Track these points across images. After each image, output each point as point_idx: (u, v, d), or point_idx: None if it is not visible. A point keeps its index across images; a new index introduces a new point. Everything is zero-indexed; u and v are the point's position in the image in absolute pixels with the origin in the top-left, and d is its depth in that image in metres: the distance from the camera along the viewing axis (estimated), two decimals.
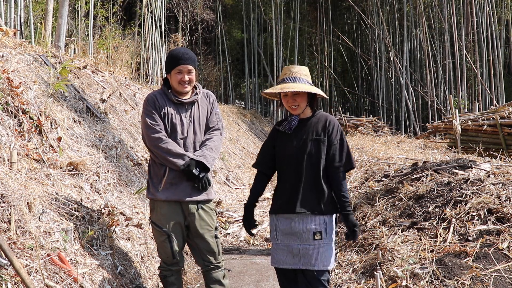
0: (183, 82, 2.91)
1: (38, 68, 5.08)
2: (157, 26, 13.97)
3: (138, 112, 7.29)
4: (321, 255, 2.59)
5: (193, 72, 2.94)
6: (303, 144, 2.65)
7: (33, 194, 2.96)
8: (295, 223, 2.62)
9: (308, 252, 2.59)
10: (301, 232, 2.60)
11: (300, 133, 2.69)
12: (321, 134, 2.64)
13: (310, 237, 2.58)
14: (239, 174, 10.19)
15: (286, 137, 2.72)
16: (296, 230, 2.62)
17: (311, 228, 2.59)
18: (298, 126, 2.71)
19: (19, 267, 2.26)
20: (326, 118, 2.70)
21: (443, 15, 19.67)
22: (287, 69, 2.72)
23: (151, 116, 2.89)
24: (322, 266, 2.59)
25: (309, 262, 2.59)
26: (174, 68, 2.89)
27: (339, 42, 25.82)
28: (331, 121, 2.68)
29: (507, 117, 9.11)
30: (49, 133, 4.07)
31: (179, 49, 2.96)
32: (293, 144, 2.68)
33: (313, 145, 2.63)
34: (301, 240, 2.61)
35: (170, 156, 2.85)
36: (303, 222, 2.60)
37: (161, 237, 2.94)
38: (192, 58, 2.93)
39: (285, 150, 2.71)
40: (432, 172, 4.84)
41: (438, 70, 21.33)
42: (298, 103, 2.65)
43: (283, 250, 2.67)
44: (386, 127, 17.49)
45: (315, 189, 2.62)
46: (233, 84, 24.68)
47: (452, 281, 2.93)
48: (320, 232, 2.59)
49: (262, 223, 6.02)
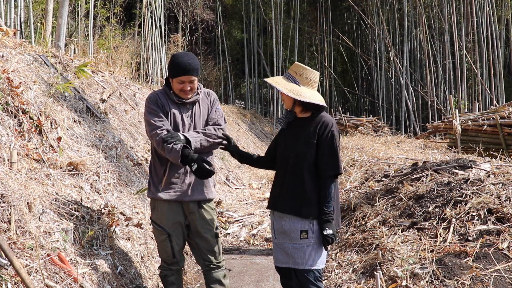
0: (184, 91, 2.90)
1: (38, 68, 5.08)
2: (157, 26, 13.97)
3: (138, 112, 7.30)
4: (307, 254, 2.59)
5: (195, 80, 2.92)
6: (294, 144, 2.67)
7: (33, 194, 2.96)
8: (285, 222, 2.65)
9: (295, 251, 2.61)
10: (290, 231, 2.63)
11: (293, 133, 2.71)
12: (312, 136, 2.62)
13: (297, 236, 2.60)
14: (239, 174, 10.19)
15: (284, 134, 2.78)
16: (286, 229, 2.65)
17: (298, 227, 2.60)
18: (293, 124, 2.74)
19: (19, 267, 2.25)
20: (321, 120, 2.66)
21: (443, 15, 19.67)
22: (294, 65, 2.76)
23: (154, 114, 2.88)
24: (308, 265, 2.59)
25: (296, 261, 2.61)
26: (176, 77, 2.86)
27: (339, 42, 25.82)
28: (324, 122, 2.64)
29: (507, 117, 9.12)
30: (49, 133, 4.07)
31: (183, 57, 2.87)
32: (286, 143, 2.72)
33: (303, 146, 2.63)
34: (290, 239, 2.63)
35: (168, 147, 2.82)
36: (292, 221, 2.62)
37: (162, 236, 2.95)
38: (195, 68, 2.87)
39: (279, 148, 2.77)
40: (432, 172, 4.84)
41: (438, 70, 21.33)
42: (283, 98, 2.72)
43: (279, 249, 2.70)
44: (386, 127, 17.49)
45: (300, 191, 2.61)
46: (233, 84, 24.69)
47: (452, 281, 2.93)
48: (306, 231, 2.58)
49: (262, 223, 6.02)
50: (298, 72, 2.70)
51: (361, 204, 4.95)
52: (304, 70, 2.70)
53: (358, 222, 4.63)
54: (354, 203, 5.12)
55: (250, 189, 8.76)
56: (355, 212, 4.88)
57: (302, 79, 2.69)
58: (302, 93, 2.64)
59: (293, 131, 2.72)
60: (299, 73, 2.70)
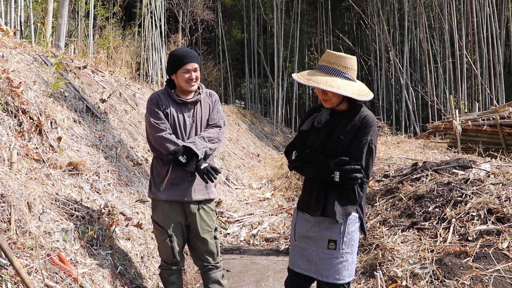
0: (191, 80, 2.92)
1: (38, 68, 5.08)
2: (157, 26, 13.97)
3: (138, 112, 7.30)
4: (333, 266, 2.36)
5: (198, 69, 2.97)
6: (327, 141, 2.37)
7: (33, 194, 2.96)
8: (312, 227, 2.43)
9: (320, 260, 2.39)
10: (317, 238, 2.41)
11: (328, 129, 2.38)
12: (349, 133, 2.31)
13: (324, 245, 2.38)
14: (239, 174, 10.18)
15: (315, 129, 2.44)
16: (312, 235, 2.42)
17: (326, 235, 2.37)
18: (328, 120, 2.40)
19: (19, 267, 2.25)
20: (363, 118, 2.32)
21: (443, 15, 19.66)
22: (328, 54, 2.33)
23: (155, 115, 2.89)
24: (333, 279, 2.36)
25: (320, 272, 2.39)
26: (181, 67, 2.89)
27: (339, 42, 25.80)
28: (364, 118, 2.31)
29: (507, 117, 9.11)
30: (49, 133, 4.07)
31: (182, 49, 2.96)
32: (319, 139, 2.40)
33: (337, 143, 2.33)
34: (316, 246, 2.41)
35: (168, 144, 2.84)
36: (320, 228, 2.40)
37: (162, 236, 2.95)
38: (196, 56, 2.95)
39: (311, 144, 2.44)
40: (432, 172, 4.84)
41: (438, 70, 21.33)
42: (330, 97, 2.31)
43: (299, 253, 2.49)
44: (386, 127, 17.48)
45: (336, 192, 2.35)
46: (233, 84, 24.68)
47: (452, 281, 2.93)
48: (334, 241, 2.35)
49: (262, 223, 6.02)
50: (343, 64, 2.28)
51: None
52: (350, 60, 2.30)
53: None
54: None
55: (250, 189, 8.76)
56: None
57: (352, 72, 2.30)
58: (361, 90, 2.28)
59: (328, 128, 2.38)
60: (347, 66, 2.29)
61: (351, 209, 2.37)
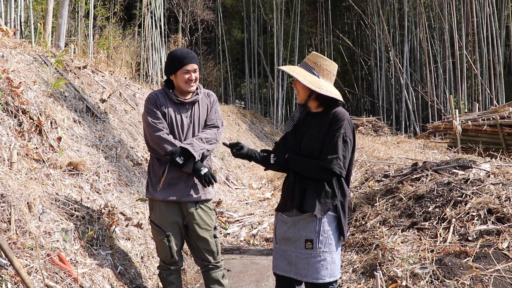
0: (191, 81, 2.92)
1: (38, 68, 5.08)
2: (157, 26, 13.97)
3: (138, 112, 7.29)
4: (311, 266, 2.37)
5: (197, 70, 2.98)
6: (301, 140, 2.46)
7: (33, 194, 2.96)
8: (290, 228, 2.45)
9: (299, 260, 2.41)
10: (294, 238, 2.43)
11: (303, 128, 2.48)
12: (322, 131, 2.38)
13: (302, 245, 2.40)
14: (239, 174, 10.18)
15: (294, 129, 2.53)
16: (290, 236, 2.45)
17: (303, 235, 2.39)
18: (304, 119, 2.49)
19: (19, 267, 2.25)
20: (333, 114, 2.40)
21: (443, 15, 19.66)
22: (312, 54, 2.50)
23: (153, 114, 2.89)
24: (312, 278, 2.37)
25: (299, 272, 2.41)
26: (180, 68, 2.89)
27: (339, 42, 25.80)
28: (334, 114, 2.39)
29: (507, 117, 9.11)
30: (49, 133, 4.07)
31: (181, 49, 2.97)
32: (294, 139, 2.51)
33: (310, 143, 2.41)
34: (295, 246, 2.43)
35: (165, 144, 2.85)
36: (297, 228, 2.42)
37: (160, 236, 2.95)
38: (195, 57, 2.96)
39: (289, 144, 2.54)
40: (432, 172, 4.84)
41: (438, 70, 21.33)
42: (298, 90, 2.46)
43: (280, 255, 2.51)
44: (386, 127, 17.49)
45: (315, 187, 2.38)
46: (233, 84, 24.68)
47: (452, 281, 2.93)
48: (311, 241, 2.37)
49: (262, 223, 6.02)
50: (317, 62, 2.44)
51: (361, 204, 4.95)
52: (324, 61, 2.45)
53: (358, 222, 4.63)
54: (354, 203, 5.12)
55: (250, 189, 8.76)
56: (355, 212, 4.88)
57: (321, 71, 2.44)
58: (322, 85, 2.39)
59: (303, 127, 2.48)
60: (318, 64, 2.44)
61: (330, 205, 2.39)
